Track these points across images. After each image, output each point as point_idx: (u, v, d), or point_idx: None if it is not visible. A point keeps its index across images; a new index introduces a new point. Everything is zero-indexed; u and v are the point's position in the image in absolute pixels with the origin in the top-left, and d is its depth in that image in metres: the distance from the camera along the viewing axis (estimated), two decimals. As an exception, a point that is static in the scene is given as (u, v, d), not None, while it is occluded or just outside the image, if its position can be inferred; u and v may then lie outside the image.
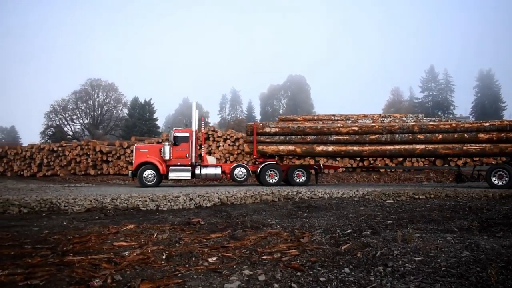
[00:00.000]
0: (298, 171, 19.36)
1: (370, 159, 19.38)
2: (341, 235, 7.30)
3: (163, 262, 5.52)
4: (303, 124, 19.53)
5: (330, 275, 4.83)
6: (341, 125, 18.52)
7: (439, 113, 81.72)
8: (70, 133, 61.20)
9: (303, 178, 19.34)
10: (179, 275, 4.93)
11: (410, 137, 17.59)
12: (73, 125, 63.39)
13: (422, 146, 17.40)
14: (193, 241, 6.87)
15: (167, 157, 19.17)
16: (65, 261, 5.52)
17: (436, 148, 17.29)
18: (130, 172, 20.10)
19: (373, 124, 18.54)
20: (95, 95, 65.29)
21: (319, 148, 18.42)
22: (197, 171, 19.35)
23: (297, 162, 18.92)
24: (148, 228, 8.15)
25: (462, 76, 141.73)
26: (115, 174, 28.82)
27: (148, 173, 19.14)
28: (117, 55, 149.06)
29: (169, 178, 19.58)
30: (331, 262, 5.42)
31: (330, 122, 19.76)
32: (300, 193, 14.17)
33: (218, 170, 19.45)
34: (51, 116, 61.13)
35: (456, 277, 4.57)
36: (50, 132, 59.44)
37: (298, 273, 4.93)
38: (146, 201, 12.20)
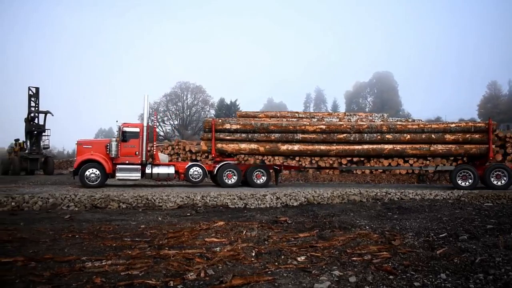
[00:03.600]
0: (258, 171, 17.97)
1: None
2: (436, 239, 6.96)
3: (253, 259, 5.62)
4: (266, 121, 18.32)
5: (425, 280, 4.62)
6: (308, 123, 17.57)
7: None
8: (162, 133, 64.35)
9: (263, 178, 17.90)
10: (269, 272, 4.99)
11: (379, 137, 17.06)
12: (164, 126, 66.62)
13: (390, 146, 16.94)
14: (281, 240, 6.92)
15: (114, 154, 17.08)
16: (161, 254, 5.83)
17: (404, 148, 16.93)
18: (71, 171, 17.65)
19: (341, 122, 17.70)
20: (184, 97, 68.17)
21: (284, 147, 17.43)
22: (147, 171, 17.39)
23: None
24: (237, 226, 8.36)
25: None
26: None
27: (91, 172, 16.78)
28: (204, 58, 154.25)
29: (116, 178, 17.41)
30: (426, 266, 5.18)
31: (295, 119, 18.82)
32: (390, 194, 13.74)
33: (171, 170, 17.70)
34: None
35: None
36: (143, 133, 62.95)
37: (391, 277, 4.77)
38: (234, 199, 12.51)
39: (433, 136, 16.78)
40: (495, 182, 16.13)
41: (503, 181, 16.08)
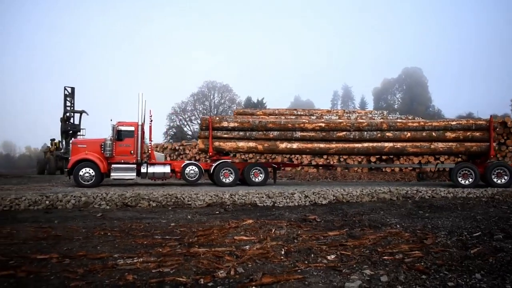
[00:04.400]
0: (255, 169, 17.68)
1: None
2: (469, 238, 6.80)
3: (282, 257, 5.61)
4: (264, 118, 17.96)
5: (459, 280, 4.52)
6: (307, 121, 17.24)
7: None
8: (190, 133, 64.94)
9: (260, 177, 17.60)
10: (299, 271, 4.97)
11: (379, 135, 16.87)
12: (192, 125, 67.17)
13: (391, 144, 16.78)
14: (311, 238, 6.89)
15: (108, 154, 16.91)
16: (191, 252, 5.88)
17: (404, 146, 16.80)
18: (66, 171, 17.06)
19: (340, 120, 17.42)
20: (211, 96, 68.63)
21: (283, 145, 17.11)
22: (143, 170, 17.22)
23: None
24: (266, 224, 8.37)
25: None
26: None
27: (85, 172, 16.64)
28: (230, 57, 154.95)
29: (111, 177, 17.19)
30: (459, 266, 5.07)
31: (294, 117, 18.46)
32: (420, 192, 13.50)
33: (167, 169, 17.42)
34: (172, 117, 65.69)
35: None
36: (171, 132, 63.89)
37: (423, 276, 4.69)
38: (262, 197, 12.52)
39: (433, 134, 16.70)
40: (496, 181, 16.04)
41: (504, 180, 15.99)
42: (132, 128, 17.41)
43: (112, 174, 16.99)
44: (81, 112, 32.26)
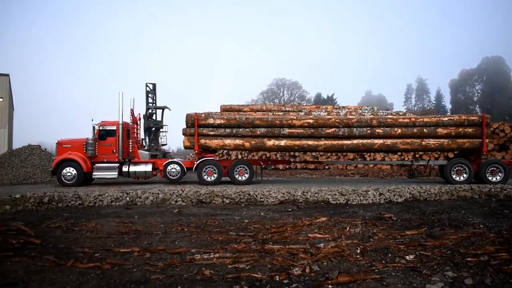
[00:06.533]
0: (240, 167, 16.95)
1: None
2: None
3: (358, 256, 5.50)
4: (251, 115, 17.21)
5: (555, 285, 4.18)
6: (295, 117, 16.43)
7: None
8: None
9: (246, 175, 16.82)
10: (376, 270, 4.84)
11: (369, 131, 16.10)
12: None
13: (381, 141, 16.11)
14: (387, 237, 6.69)
15: (90, 154, 17.00)
16: (266, 249, 5.93)
17: (394, 143, 16.19)
18: (50, 170, 17.45)
19: (329, 116, 16.50)
20: (281, 94, 68.84)
21: (270, 142, 16.39)
22: (124, 169, 17.19)
23: None
24: (340, 222, 8.25)
25: None
26: (302, 168, 30.07)
27: (67, 171, 16.77)
28: (299, 55, 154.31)
29: (93, 176, 17.21)
30: (554, 270, 4.69)
31: (281, 113, 17.54)
32: (506, 189, 12.66)
33: (148, 168, 17.28)
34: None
35: None
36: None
37: (512, 280, 4.39)
38: (335, 195, 12.34)
39: (425, 130, 16.09)
40: (490, 178, 15.46)
41: (498, 177, 15.45)
42: (113, 128, 17.55)
43: (94, 173, 17.13)
44: (163, 108, 33.36)
